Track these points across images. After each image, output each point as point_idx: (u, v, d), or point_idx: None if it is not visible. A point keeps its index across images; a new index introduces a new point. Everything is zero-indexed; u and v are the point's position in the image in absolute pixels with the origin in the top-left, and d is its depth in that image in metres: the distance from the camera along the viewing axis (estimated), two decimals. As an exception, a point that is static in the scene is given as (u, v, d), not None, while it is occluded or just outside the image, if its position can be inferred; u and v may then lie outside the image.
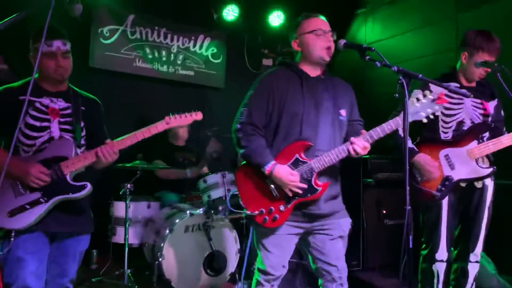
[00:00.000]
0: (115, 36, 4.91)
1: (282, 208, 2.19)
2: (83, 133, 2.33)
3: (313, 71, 2.32)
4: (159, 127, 2.26)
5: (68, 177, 2.15)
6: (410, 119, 2.07)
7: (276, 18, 5.56)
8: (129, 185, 3.76)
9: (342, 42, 2.18)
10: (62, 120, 2.24)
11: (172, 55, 5.31)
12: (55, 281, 2.21)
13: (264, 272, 2.28)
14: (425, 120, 2.14)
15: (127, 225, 3.76)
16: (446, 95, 2.66)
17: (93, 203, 4.66)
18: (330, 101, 2.27)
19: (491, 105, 2.81)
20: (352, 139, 2.14)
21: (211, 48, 5.58)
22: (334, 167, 2.23)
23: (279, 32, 5.68)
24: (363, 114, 2.46)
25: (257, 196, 2.23)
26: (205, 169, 4.71)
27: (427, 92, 2.13)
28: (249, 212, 2.21)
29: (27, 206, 2.06)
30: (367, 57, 2.05)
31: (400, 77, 1.89)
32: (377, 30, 5.46)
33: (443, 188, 2.66)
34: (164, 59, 5.25)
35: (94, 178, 2.35)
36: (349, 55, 2.77)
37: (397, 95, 1.89)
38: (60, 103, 2.26)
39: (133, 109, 5.11)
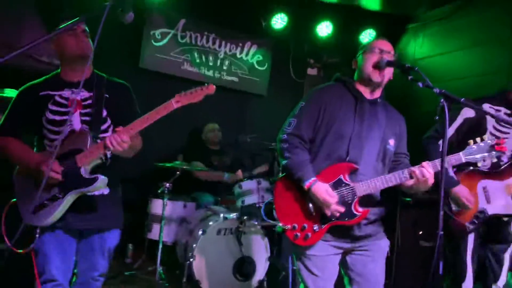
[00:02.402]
0: (166, 39, 5.09)
1: (315, 227, 2.13)
2: (108, 123, 2.24)
3: (369, 93, 2.24)
4: (168, 106, 2.09)
5: (82, 171, 2.05)
6: (463, 160, 2.04)
7: (324, 28, 5.54)
8: (167, 184, 3.87)
9: (386, 59, 2.16)
10: (83, 111, 2.17)
11: (218, 60, 5.43)
12: (84, 274, 2.24)
13: None
14: (479, 164, 2.07)
15: (162, 223, 3.87)
16: (496, 124, 2.59)
17: (132, 199, 4.86)
18: (381, 128, 2.21)
19: None
20: (424, 163, 2.04)
21: (257, 55, 5.66)
22: (380, 192, 2.18)
23: (326, 42, 5.69)
24: (409, 132, 2.40)
25: (293, 210, 2.17)
26: (240, 174, 4.80)
27: (485, 136, 2.06)
28: (281, 224, 2.17)
29: (47, 203, 2.06)
30: (410, 77, 2.02)
31: (441, 100, 1.86)
32: (426, 46, 5.35)
33: (475, 221, 2.59)
34: (211, 63, 5.38)
35: (118, 169, 2.28)
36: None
37: (437, 117, 1.86)
38: (82, 93, 2.18)
39: (177, 112, 5.24)
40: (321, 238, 2.14)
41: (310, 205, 2.14)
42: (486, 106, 2.64)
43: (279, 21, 5.37)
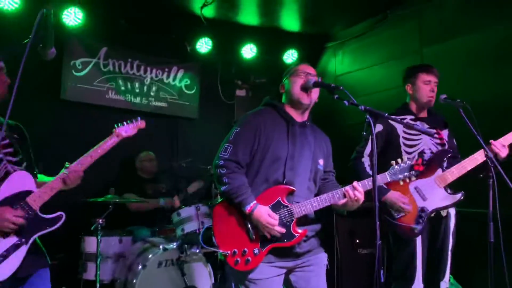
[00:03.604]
0: (88, 68, 4.90)
1: (256, 251, 2.14)
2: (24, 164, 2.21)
3: (299, 116, 2.32)
4: (110, 141, 2.37)
5: (39, 212, 2.09)
6: (389, 179, 2.18)
7: (248, 51, 5.66)
8: (100, 220, 3.68)
9: (312, 80, 2.25)
10: (4, 151, 2.12)
11: (145, 86, 5.32)
12: None
13: None
14: (401, 183, 2.20)
15: (98, 261, 3.66)
16: (405, 128, 2.80)
17: (63, 239, 4.55)
18: (311, 149, 2.29)
19: (445, 134, 2.98)
20: (355, 184, 2.13)
21: (184, 79, 5.62)
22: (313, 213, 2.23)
23: (252, 63, 5.81)
24: (337, 143, 2.51)
25: (232, 235, 2.17)
26: (177, 202, 4.69)
27: (405, 157, 2.22)
28: (220, 251, 2.16)
29: (5, 253, 1.95)
30: (336, 96, 2.11)
31: (367, 116, 1.96)
32: (346, 63, 5.64)
33: (420, 220, 2.72)
34: (137, 90, 5.25)
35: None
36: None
37: (364, 133, 1.96)
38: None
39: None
40: (263, 260, 2.14)
41: (250, 228, 2.15)
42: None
43: (204, 45, 5.39)
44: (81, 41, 4.82)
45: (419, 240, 2.79)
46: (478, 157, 2.68)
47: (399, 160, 2.20)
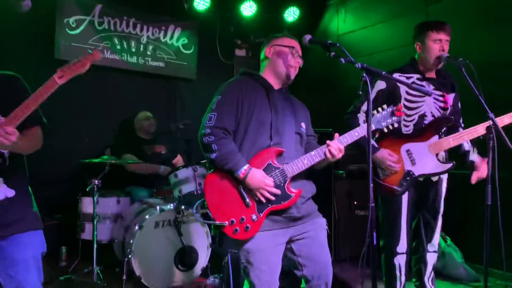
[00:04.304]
0: (82, 27, 4.77)
1: (254, 217, 2.11)
2: None
3: (276, 84, 2.33)
4: (50, 85, 1.85)
5: None
6: (374, 127, 2.17)
7: (248, 8, 5.48)
8: (96, 181, 3.66)
9: (308, 37, 2.16)
10: None
11: (141, 45, 5.19)
12: None
13: None
14: (385, 130, 2.18)
15: (95, 222, 3.68)
16: (408, 89, 2.71)
17: (61, 200, 4.58)
18: (292, 113, 2.31)
19: (451, 97, 2.86)
20: (328, 142, 2.13)
21: (182, 38, 5.48)
22: (305, 171, 2.20)
23: (252, 22, 5.64)
24: (335, 106, 2.46)
25: (227, 205, 2.13)
26: (180, 159, 4.69)
27: (384, 105, 2.20)
28: (218, 222, 2.11)
29: None
30: (332, 54, 2.03)
31: (364, 74, 1.89)
32: (349, 22, 5.46)
33: (404, 183, 2.68)
34: (133, 50, 5.13)
35: (21, 169, 2.06)
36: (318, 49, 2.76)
37: (360, 92, 1.89)
38: None
39: (102, 102, 4.99)
40: (261, 228, 2.11)
41: (245, 195, 2.12)
42: (396, 75, 2.75)
43: (201, 2, 5.23)
44: (74, -3, 4.66)
45: (404, 201, 2.77)
46: (480, 129, 2.59)
47: (379, 108, 2.19)
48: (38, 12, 4.36)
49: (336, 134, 2.19)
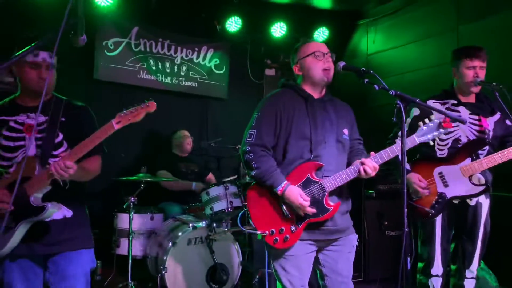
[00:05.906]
0: (120, 49, 4.98)
1: (293, 228, 2.20)
2: (64, 147, 2.18)
3: (316, 93, 2.36)
4: (108, 129, 2.02)
5: (32, 199, 1.99)
6: (417, 141, 2.17)
7: (278, 29, 5.60)
8: (132, 198, 3.80)
9: (341, 64, 2.22)
10: (38, 136, 2.12)
11: (175, 66, 5.36)
12: None
13: None
14: (431, 143, 2.20)
15: (130, 238, 3.79)
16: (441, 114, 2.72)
17: (97, 215, 4.72)
18: (333, 121, 2.33)
19: (491, 121, 2.84)
20: (363, 160, 2.17)
21: (214, 59, 5.63)
22: (343, 185, 2.25)
23: (281, 42, 5.75)
24: (368, 125, 2.48)
25: (268, 216, 2.24)
26: (212, 178, 4.81)
27: (432, 116, 2.20)
28: (259, 232, 2.22)
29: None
30: (366, 80, 2.09)
31: (398, 101, 1.93)
32: (379, 41, 5.49)
33: (436, 205, 2.69)
34: (168, 70, 5.31)
35: (80, 190, 2.24)
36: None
37: (394, 119, 1.93)
38: (40, 118, 2.14)
39: (137, 122, 5.14)
40: (299, 237, 2.21)
41: (285, 208, 2.21)
42: (430, 102, 2.83)
43: (233, 24, 5.37)
44: (112, 21, 4.88)
45: (438, 223, 2.78)
46: None
47: (426, 120, 2.19)
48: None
49: (372, 153, 2.22)
